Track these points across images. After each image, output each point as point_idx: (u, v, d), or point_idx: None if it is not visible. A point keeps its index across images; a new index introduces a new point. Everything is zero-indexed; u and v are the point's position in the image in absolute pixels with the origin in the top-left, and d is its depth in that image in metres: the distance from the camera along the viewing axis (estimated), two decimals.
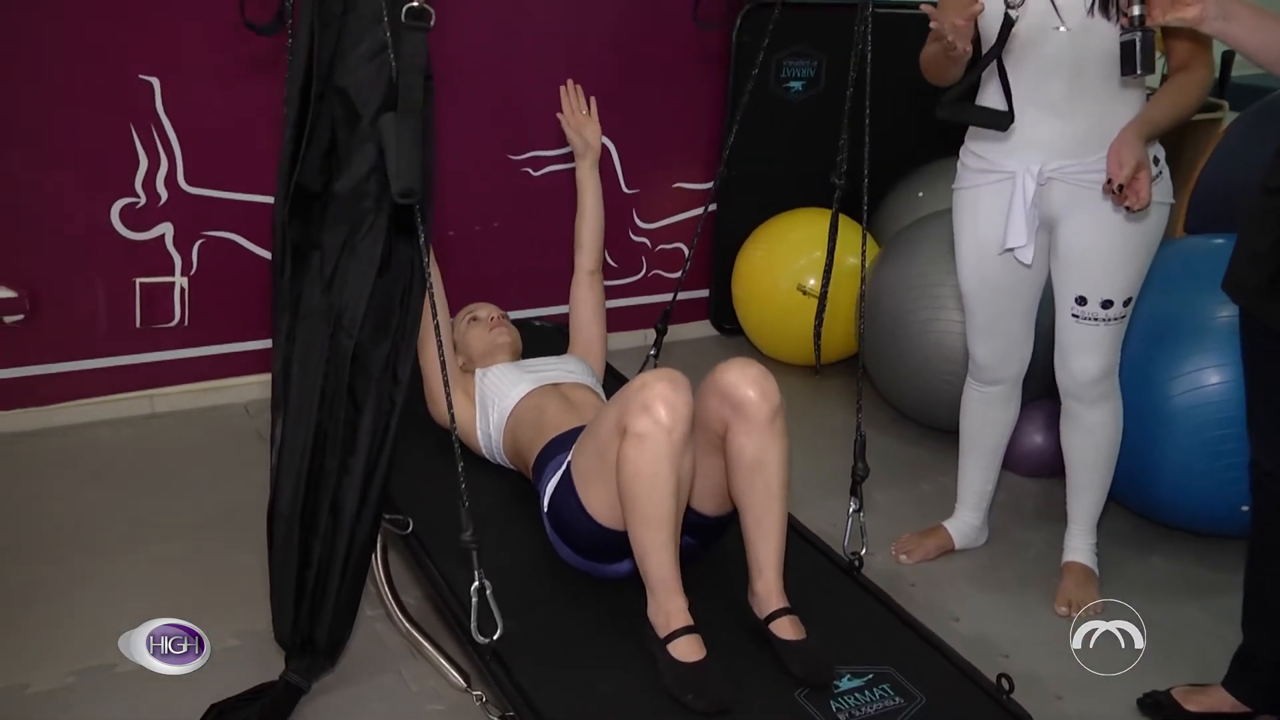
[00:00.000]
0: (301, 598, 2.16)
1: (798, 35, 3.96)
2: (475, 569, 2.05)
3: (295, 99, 1.98)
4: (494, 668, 2.07)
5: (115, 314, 3.36)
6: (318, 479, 2.11)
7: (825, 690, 2.02)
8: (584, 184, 2.92)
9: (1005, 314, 2.65)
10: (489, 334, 2.85)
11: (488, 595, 2.05)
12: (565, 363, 2.79)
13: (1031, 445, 3.30)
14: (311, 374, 2.08)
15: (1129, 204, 2.26)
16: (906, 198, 4.07)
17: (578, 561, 2.31)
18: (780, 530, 2.15)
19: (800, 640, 2.08)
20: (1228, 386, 2.67)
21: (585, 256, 2.93)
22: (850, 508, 2.44)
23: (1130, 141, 2.26)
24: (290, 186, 2.02)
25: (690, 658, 2.02)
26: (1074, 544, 2.78)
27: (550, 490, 2.31)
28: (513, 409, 2.60)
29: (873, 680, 2.06)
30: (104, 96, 3.18)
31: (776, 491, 2.13)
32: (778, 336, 3.98)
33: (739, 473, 2.14)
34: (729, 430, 2.13)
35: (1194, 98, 2.36)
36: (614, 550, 2.21)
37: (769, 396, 2.12)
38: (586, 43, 3.76)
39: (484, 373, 2.72)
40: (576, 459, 2.24)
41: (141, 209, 3.30)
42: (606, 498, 2.14)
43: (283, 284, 2.07)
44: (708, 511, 2.27)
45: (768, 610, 2.12)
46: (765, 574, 2.13)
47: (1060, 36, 2.33)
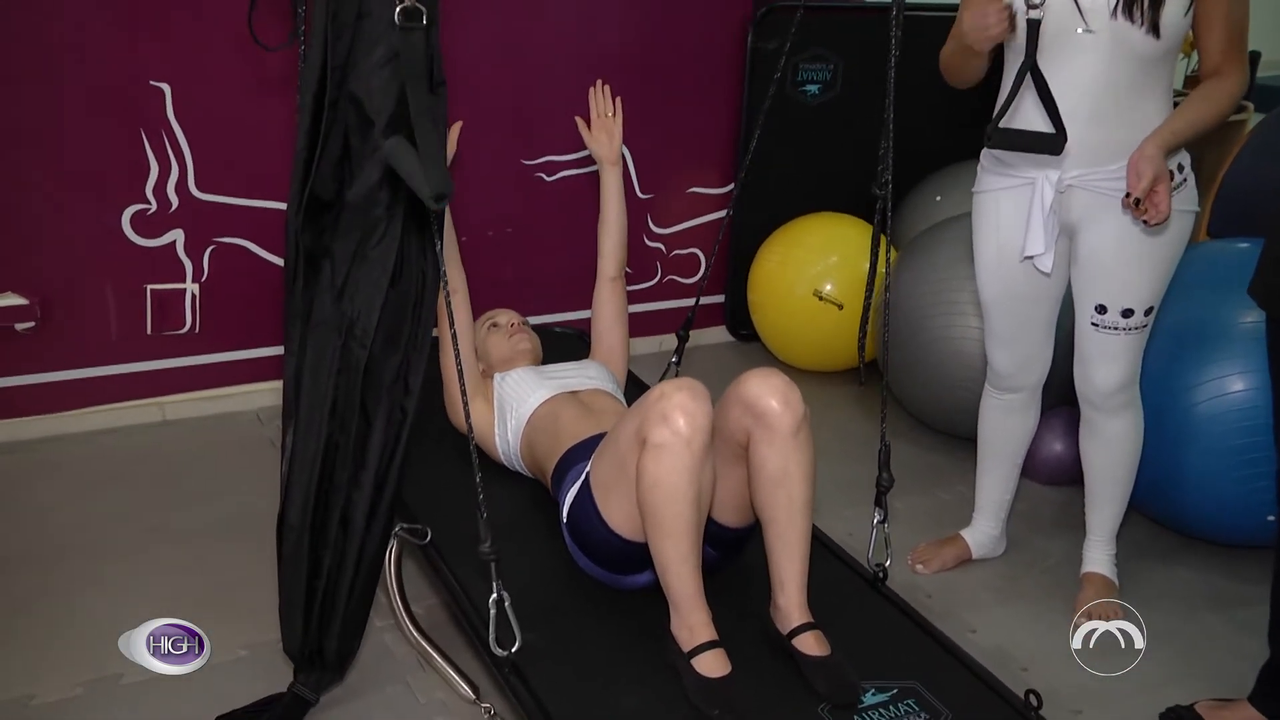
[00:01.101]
0: (311, 610, 2.13)
1: (814, 38, 3.93)
2: (494, 580, 2.02)
3: (309, 106, 1.95)
4: (512, 681, 2.03)
5: (126, 321, 3.35)
6: (328, 491, 2.09)
7: (850, 706, 1.98)
8: (607, 190, 2.85)
9: (1025, 321, 2.61)
10: (509, 340, 2.81)
11: (506, 607, 2.02)
12: (586, 368, 2.75)
13: (1051, 453, 3.26)
14: (322, 384, 2.05)
15: (1147, 218, 2.21)
16: (924, 202, 4.03)
17: (597, 572, 2.28)
18: (804, 544, 2.10)
19: (824, 656, 2.04)
20: (1253, 394, 2.63)
21: (607, 263, 2.88)
22: (875, 519, 2.39)
23: (1149, 154, 2.22)
24: (305, 195, 1.99)
25: (715, 673, 1.98)
26: (1093, 555, 2.74)
27: (569, 500, 2.27)
28: (530, 416, 2.56)
29: (898, 695, 2.02)
30: (115, 102, 3.17)
31: (800, 505, 2.09)
32: (794, 342, 3.95)
33: (762, 485, 2.09)
34: (751, 441, 2.09)
35: (1223, 106, 2.30)
36: (634, 562, 2.18)
37: (793, 407, 2.07)
38: (601, 45, 3.73)
39: (503, 378, 2.69)
40: (595, 469, 2.21)
41: (152, 215, 3.29)
42: (626, 509, 2.10)
43: (295, 293, 2.04)
44: (729, 523, 2.23)
45: (790, 625, 2.08)
46: (788, 589, 2.09)
47: (1083, 40, 2.28)
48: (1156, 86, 2.32)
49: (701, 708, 1.95)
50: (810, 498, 2.11)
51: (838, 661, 2.03)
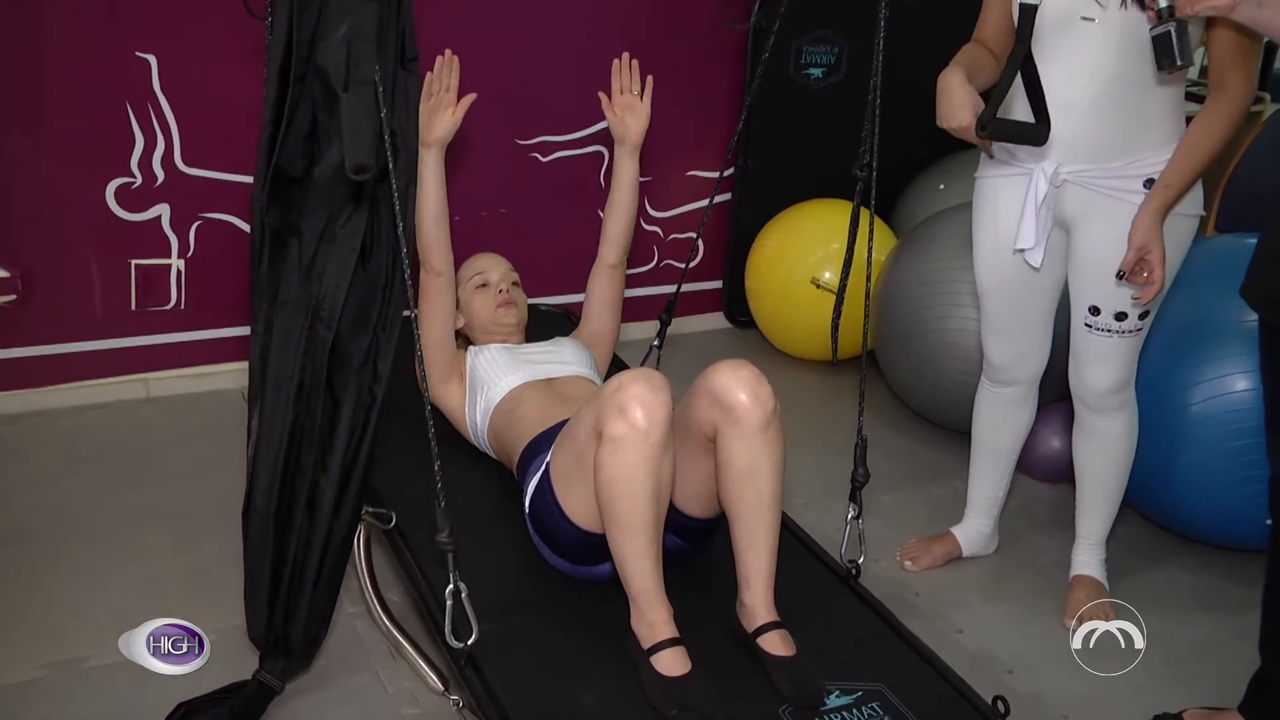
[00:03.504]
0: (276, 596, 2.09)
1: (819, 21, 3.85)
2: (451, 571, 1.98)
3: (274, 80, 1.92)
4: (468, 673, 1.99)
5: (110, 296, 3.30)
6: (294, 475, 2.04)
7: (812, 709, 1.94)
8: (620, 173, 2.69)
9: (1020, 313, 2.54)
10: (494, 311, 2.70)
11: (463, 599, 1.98)
12: (562, 351, 2.66)
13: (1048, 449, 3.19)
14: (288, 365, 2.01)
15: (1137, 295, 2.24)
16: (927, 189, 3.95)
17: (560, 563, 2.23)
18: (771, 542, 2.05)
19: (788, 657, 1.99)
20: (1253, 394, 2.56)
21: (609, 248, 2.75)
22: (849, 514, 2.33)
23: (1141, 223, 2.23)
24: (269, 171, 1.95)
25: (674, 671, 1.94)
26: (1081, 559, 2.68)
27: (530, 490, 2.23)
28: (499, 401, 2.50)
29: (862, 699, 1.97)
30: (100, 74, 3.11)
31: (768, 501, 2.04)
32: (792, 330, 3.88)
33: (729, 481, 2.04)
34: (719, 435, 2.04)
35: (1224, 135, 2.21)
36: (595, 553, 2.13)
37: (762, 401, 2.02)
38: (599, 23, 3.65)
39: (477, 353, 2.60)
40: (555, 460, 2.17)
41: (137, 189, 3.24)
42: (585, 500, 2.06)
43: (261, 270, 2.00)
44: (696, 514, 2.18)
45: (756, 624, 2.03)
46: (754, 586, 2.04)
47: (1089, 29, 2.20)
48: (1165, 82, 2.23)
49: (658, 707, 1.91)
50: (779, 493, 2.06)
51: (803, 662, 1.99)
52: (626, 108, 2.62)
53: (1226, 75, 2.19)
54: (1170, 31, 1.99)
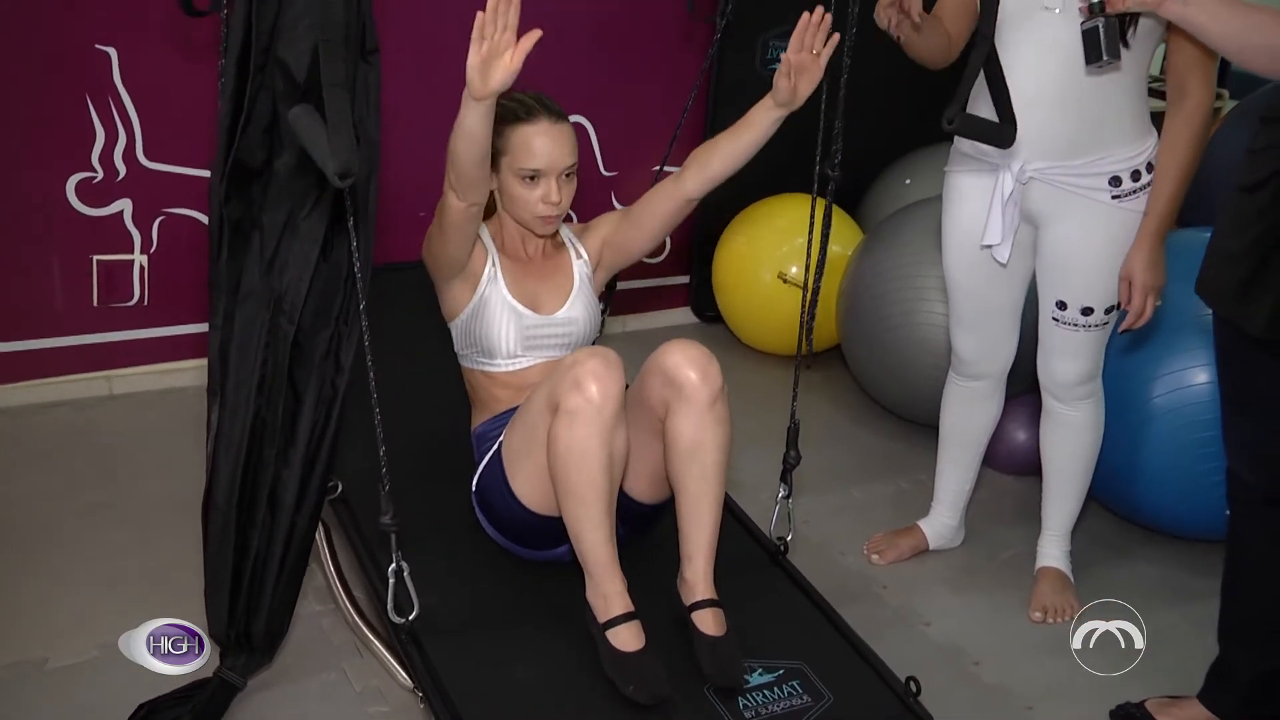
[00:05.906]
0: (238, 592, 2.08)
1: (785, 15, 3.82)
2: (394, 551, 2.01)
3: (232, 70, 1.90)
4: (409, 648, 2.05)
5: (72, 292, 3.25)
6: (255, 469, 2.03)
7: (732, 690, 2.00)
8: (759, 124, 2.31)
9: (988, 307, 2.56)
10: (535, 216, 2.25)
11: (405, 577, 2.02)
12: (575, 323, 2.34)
13: (1015, 442, 3.21)
14: (250, 359, 1.99)
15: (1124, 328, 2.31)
16: (893, 184, 3.96)
17: (506, 544, 2.26)
18: (714, 517, 2.10)
19: (716, 637, 2.04)
20: (1214, 386, 2.56)
21: (696, 182, 2.38)
22: (779, 494, 2.42)
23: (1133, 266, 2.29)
24: (228, 163, 1.93)
25: (630, 647, 1.99)
26: (1047, 550, 2.70)
27: (479, 470, 2.25)
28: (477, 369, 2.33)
29: (783, 676, 2.03)
30: (59, 66, 3.06)
31: (712, 476, 2.08)
32: (759, 325, 3.88)
33: (676, 455, 2.09)
34: (669, 412, 2.08)
35: (1195, 142, 2.25)
36: (539, 536, 2.16)
37: (710, 379, 2.06)
38: (565, 17, 3.64)
39: (495, 275, 2.27)
40: (508, 439, 2.18)
41: (99, 184, 3.19)
42: (535, 481, 2.09)
43: (220, 264, 1.99)
44: (643, 498, 2.22)
45: (692, 599, 2.08)
46: (695, 561, 2.09)
47: (1051, 19, 2.21)
48: (1127, 77, 2.24)
49: (616, 682, 1.96)
50: (723, 470, 2.10)
51: (728, 642, 2.03)
52: (802, 69, 2.22)
53: (1187, 81, 2.21)
54: (1099, 27, 2.01)
